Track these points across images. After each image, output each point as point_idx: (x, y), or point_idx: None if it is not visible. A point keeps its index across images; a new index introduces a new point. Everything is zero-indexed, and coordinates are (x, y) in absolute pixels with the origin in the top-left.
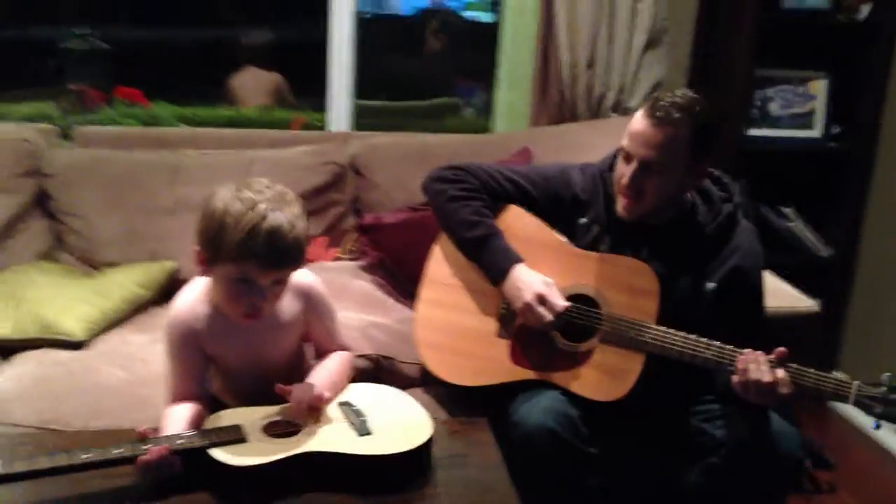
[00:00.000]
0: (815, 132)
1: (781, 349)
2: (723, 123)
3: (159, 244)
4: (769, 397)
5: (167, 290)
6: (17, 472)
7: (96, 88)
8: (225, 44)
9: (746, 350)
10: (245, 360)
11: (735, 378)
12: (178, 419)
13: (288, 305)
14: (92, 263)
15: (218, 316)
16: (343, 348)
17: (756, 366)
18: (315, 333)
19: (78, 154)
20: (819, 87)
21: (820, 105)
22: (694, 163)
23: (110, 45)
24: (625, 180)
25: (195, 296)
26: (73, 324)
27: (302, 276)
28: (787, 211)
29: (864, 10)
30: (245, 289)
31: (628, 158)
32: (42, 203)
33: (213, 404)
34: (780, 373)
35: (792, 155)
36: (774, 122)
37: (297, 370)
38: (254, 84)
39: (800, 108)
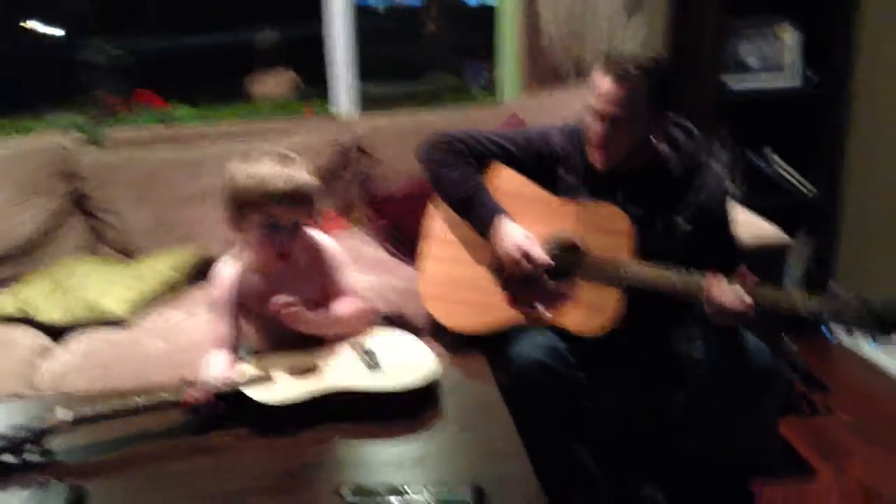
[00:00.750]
0: (791, 77)
1: (742, 269)
2: (675, 72)
3: (187, 231)
4: (734, 317)
5: (197, 271)
6: (85, 416)
7: (117, 95)
8: (237, 46)
9: (710, 275)
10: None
11: (706, 302)
12: (216, 361)
13: (305, 261)
14: (128, 254)
15: (252, 275)
16: (357, 296)
17: (719, 289)
18: (332, 287)
19: (108, 156)
20: (790, 35)
21: (793, 52)
22: (655, 112)
23: (128, 53)
24: (598, 136)
25: (232, 263)
26: (115, 304)
27: (318, 236)
28: (770, 155)
29: None
30: (272, 233)
31: (598, 116)
32: (79, 202)
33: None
34: (738, 290)
35: (769, 101)
36: (750, 71)
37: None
38: (272, 86)
39: (773, 56)
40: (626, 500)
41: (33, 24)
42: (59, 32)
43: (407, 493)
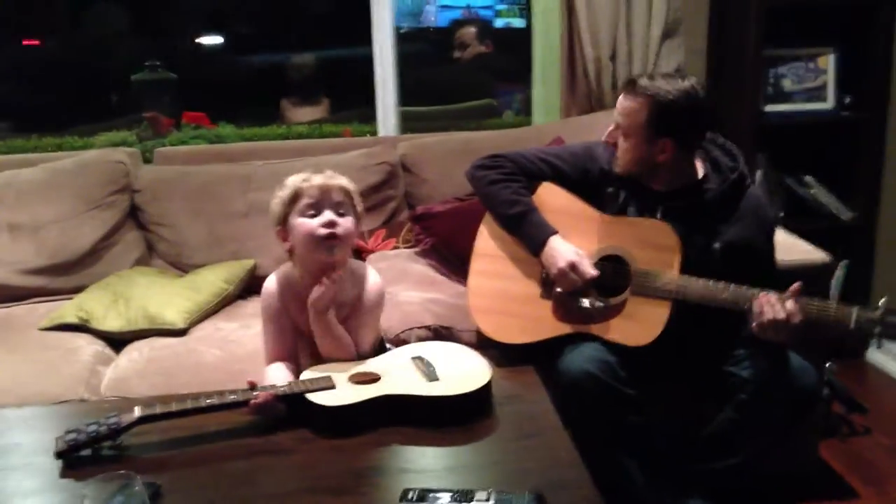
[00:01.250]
0: (828, 104)
1: (796, 285)
2: (695, 111)
3: (238, 245)
4: (784, 332)
5: (248, 284)
6: (157, 414)
7: (166, 115)
8: (278, 68)
9: (760, 291)
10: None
11: (753, 321)
12: (275, 374)
13: (350, 286)
14: (181, 266)
15: (297, 288)
16: (359, 345)
17: (770, 306)
18: (351, 322)
19: (161, 171)
20: (828, 62)
21: (830, 78)
22: (653, 138)
23: (177, 74)
24: (605, 135)
25: (280, 276)
26: (173, 315)
27: (371, 273)
28: (808, 179)
29: None
30: (316, 217)
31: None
32: (134, 216)
33: None
34: (790, 304)
35: (808, 127)
36: (788, 98)
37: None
38: (306, 113)
39: (811, 83)
40: None
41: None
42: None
43: (472, 497)
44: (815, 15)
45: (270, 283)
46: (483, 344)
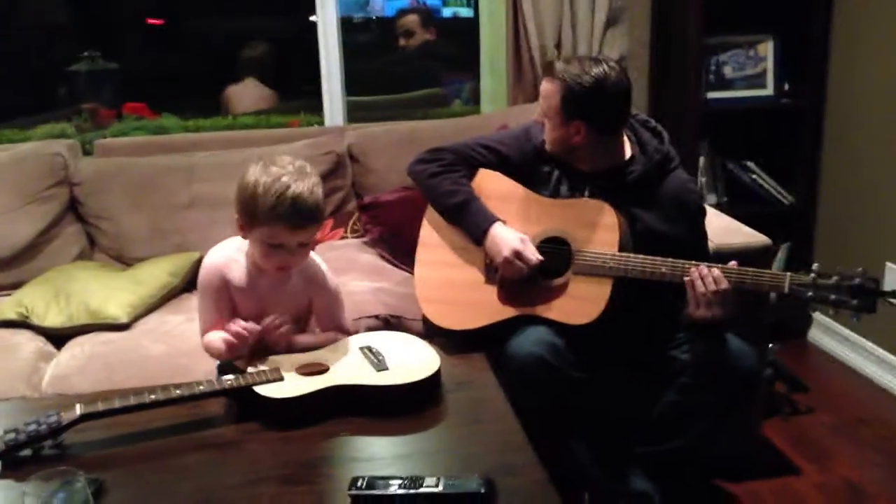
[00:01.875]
0: (768, 91)
1: (733, 262)
2: (604, 96)
3: (182, 237)
4: (717, 305)
5: (194, 276)
6: (99, 411)
7: (106, 106)
8: (224, 58)
9: (694, 263)
10: (254, 313)
11: (689, 297)
12: (214, 335)
13: (301, 279)
14: (124, 260)
15: (242, 268)
16: (341, 330)
17: (700, 278)
18: (317, 310)
19: (101, 163)
20: (767, 49)
21: (770, 65)
22: (566, 120)
23: (117, 64)
24: (536, 114)
25: (226, 250)
26: (116, 309)
27: (319, 263)
28: (751, 165)
29: None
30: (276, 249)
31: None
32: (74, 209)
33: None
34: (716, 272)
35: (749, 113)
36: (730, 85)
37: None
38: (249, 94)
39: (752, 70)
40: (621, 495)
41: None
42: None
43: (421, 484)
44: (755, 3)
45: (213, 256)
46: (433, 332)
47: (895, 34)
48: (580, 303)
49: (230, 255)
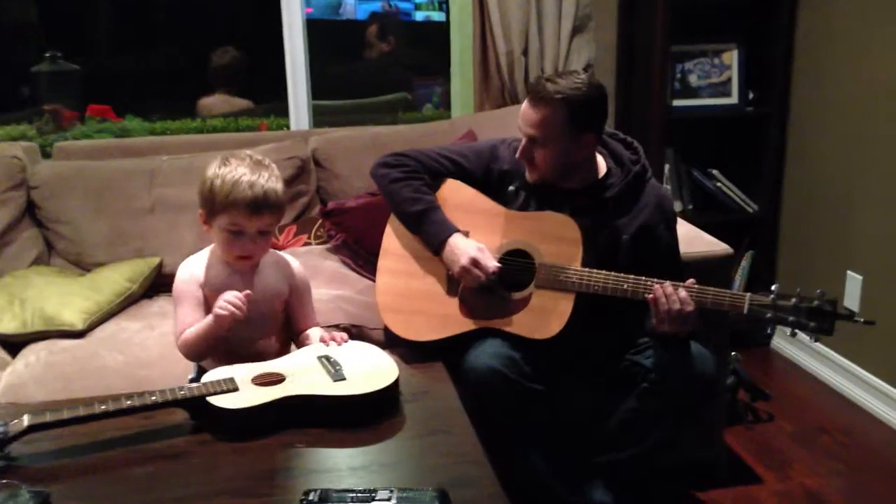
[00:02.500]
0: (733, 99)
1: (690, 280)
2: (603, 100)
3: (143, 242)
4: (679, 321)
5: (153, 283)
6: (47, 422)
7: (68, 108)
8: (192, 62)
9: (657, 281)
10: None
11: (653, 312)
12: (197, 325)
13: (275, 277)
14: (82, 265)
15: (216, 271)
16: (312, 325)
17: (664, 297)
18: (294, 310)
19: (60, 166)
20: (732, 58)
21: (734, 73)
22: (576, 136)
23: (80, 66)
24: (519, 152)
25: (198, 258)
26: (72, 316)
27: (292, 261)
28: (715, 173)
29: None
30: (237, 237)
31: (520, 132)
32: (32, 213)
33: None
34: (683, 293)
35: (714, 121)
36: (695, 93)
37: (271, 343)
38: (219, 108)
39: (717, 78)
40: None
41: None
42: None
43: (373, 497)
44: (720, 11)
45: (191, 266)
46: (393, 342)
47: (858, 43)
48: (542, 317)
49: (203, 262)
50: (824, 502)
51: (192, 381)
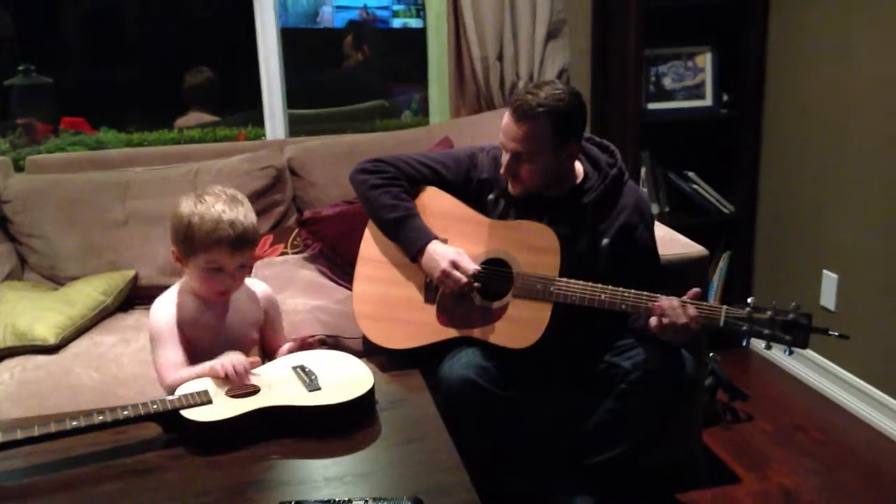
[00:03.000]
0: (707, 101)
1: (695, 290)
2: (583, 108)
3: (117, 255)
4: (684, 334)
5: (128, 296)
6: (18, 439)
7: (42, 121)
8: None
9: (661, 296)
10: (208, 345)
11: (653, 321)
12: (192, 369)
13: (248, 306)
14: (56, 279)
15: (189, 306)
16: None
17: (671, 310)
18: (266, 333)
19: (32, 180)
20: (706, 60)
21: (708, 76)
22: (560, 147)
23: (53, 79)
24: (503, 167)
25: (170, 294)
26: (44, 330)
27: (259, 286)
28: (691, 175)
29: None
30: (216, 273)
31: (503, 148)
32: (4, 228)
33: None
34: (692, 311)
35: (689, 124)
36: (669, 96)
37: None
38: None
39: (691, 81)
40: None
41: None
42: None
43: None
44: (693, 15)
45: (165, 304)
46: (370, 350)
47: (830, 45)
48: (519, 327)
49: (173, 300)
50: (802, 501)
51: None
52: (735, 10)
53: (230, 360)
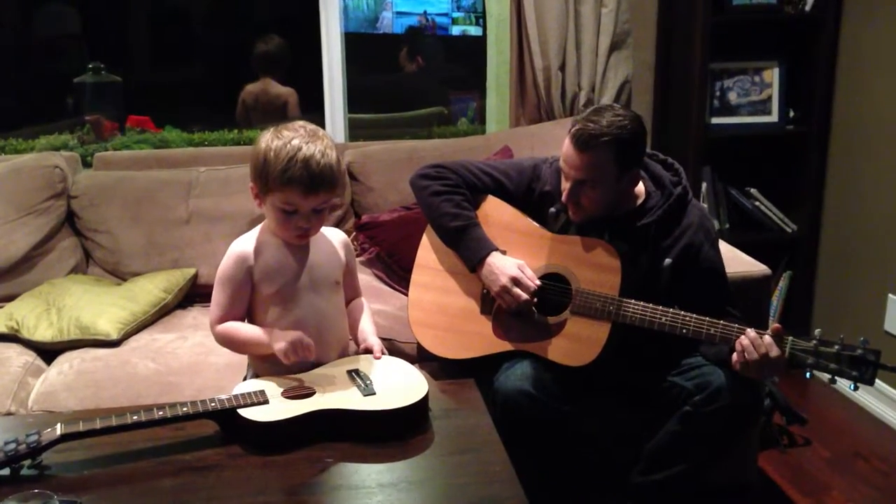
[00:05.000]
0: (773, 117)
1: (777, 326)
2: (645, 133)
3: (179, 253)
4: (768, 368)
5: (188, 294)
6: (81, 431)
7: (109, 118)
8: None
9: (749, 330)
10: (298, 286)
11: (735, 357)
12: (248, 328)
13: (330, 248)
14: (119, 275)
15: (272, 248)
16: (359, 294)
17: (754, 347)
18: (345, 277)
19: (100, 176)
20: (773, 75)
21: (775, 91)
22: (623, 173)
23: (121, 77)
24: (564, 195)
25: (252, 236)
26: (107, 325)
27: (339, 233)
28: (754, 192)
29: (810, 1)
30: (291, 216)
31: (564, 175)
32: (71, 222)
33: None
34: (774, 352)
35: (753, 140)
36: (734, 111)
37: (339, 313)
38: (265, 93)
39: (756, 96)
40: None
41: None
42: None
43: None
44: (761, 29)
45: (244, 247)
46: (424, 357)
47: None
48: (576, 345)
49: (253, 243)
50: None
51: (244, 379)
52: (805, 25)
53: (292, 343)
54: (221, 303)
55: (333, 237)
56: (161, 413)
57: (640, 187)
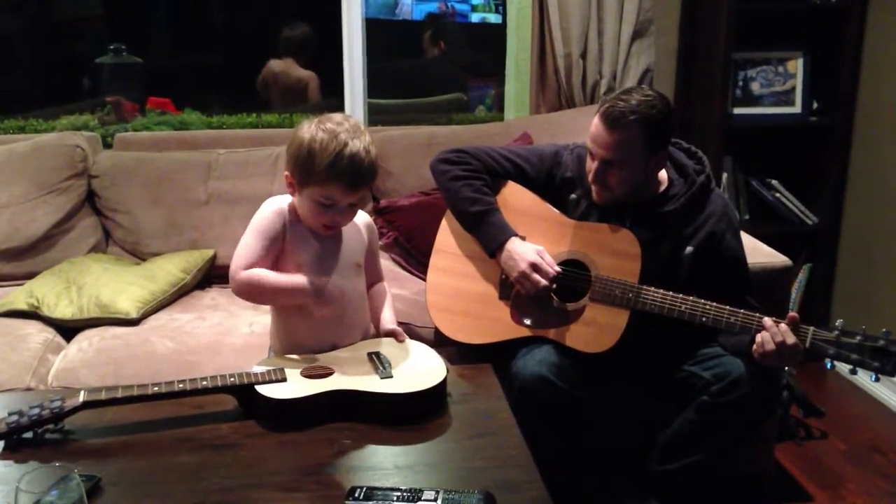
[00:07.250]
0: (796, 108)
1: (793, 315)
2: (673, 114)
3: (198, 234)
4: (787, 357)
5: (207, 274)
6: (103, 399)
7: (130, 100)
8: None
9: (766, 320)
10: (322, 267)
11: (755, 348)
12: (277, 274)
13: (354, 228)
14: (138, 254)
15: (300, 228)
16: (381, 278)
17: (770, 336)
18: (367, 259)
19: (120, 156)
20: (797, 66)
21: (798, 82)
22: (650, 155)
23: (142, 59)
24: (591, 174)
25: (284, 205)
26: (126, 304)
27: (363, 215)
28: (775, 183)
29: None
30: (327, 209)
31: (591, 155)
32: (91, 202)
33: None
34: (791, 339)
35: (775, 130)
36: (757, 101)
37: (360, 296)
38: (287, 73)
39: (780, 87)
40: None
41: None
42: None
43: (419, 497)
44: (786, 19)
45: (282, 205)
46: (441, 341)
47: None
48: (594, 331)
49: (287, 215)
50: None
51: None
52: (830, 16)
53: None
54: (253, 248)
55: (357, 218)
56: (181, 385)
57: (664, 174)
